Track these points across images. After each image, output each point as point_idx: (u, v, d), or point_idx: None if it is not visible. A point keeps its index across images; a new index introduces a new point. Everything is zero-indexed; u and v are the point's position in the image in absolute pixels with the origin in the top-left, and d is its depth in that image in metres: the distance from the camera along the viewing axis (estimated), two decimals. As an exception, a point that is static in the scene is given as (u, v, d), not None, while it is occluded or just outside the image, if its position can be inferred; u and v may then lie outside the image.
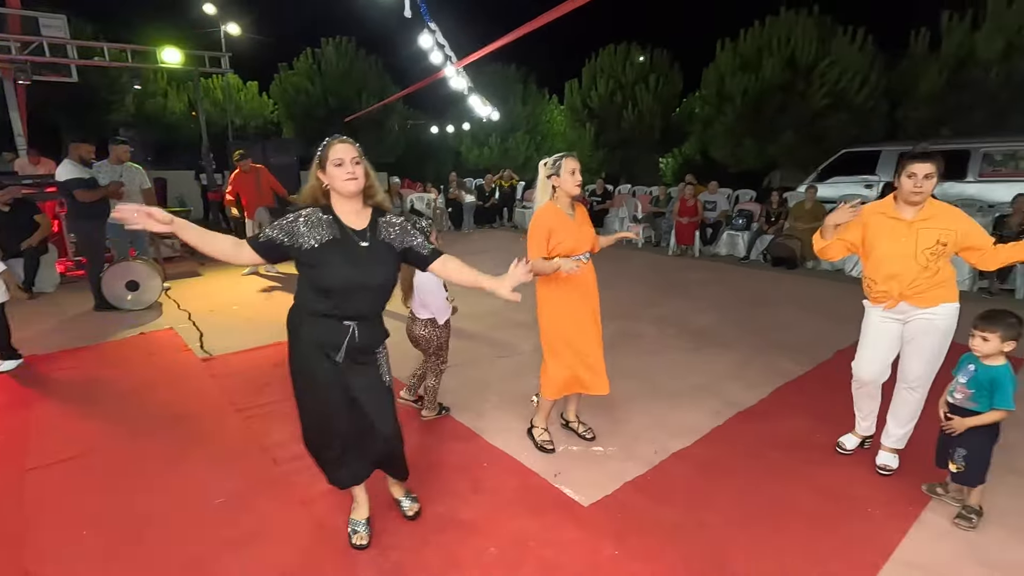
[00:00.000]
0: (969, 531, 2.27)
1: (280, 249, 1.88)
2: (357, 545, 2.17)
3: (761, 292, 6.47)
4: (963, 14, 11.24)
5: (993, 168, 8.86)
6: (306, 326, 1.95)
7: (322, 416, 2.03)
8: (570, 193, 2.66)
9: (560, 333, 2.75)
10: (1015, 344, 2.21)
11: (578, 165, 2.66)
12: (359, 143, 1.96)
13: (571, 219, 2.68)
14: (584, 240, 2.69)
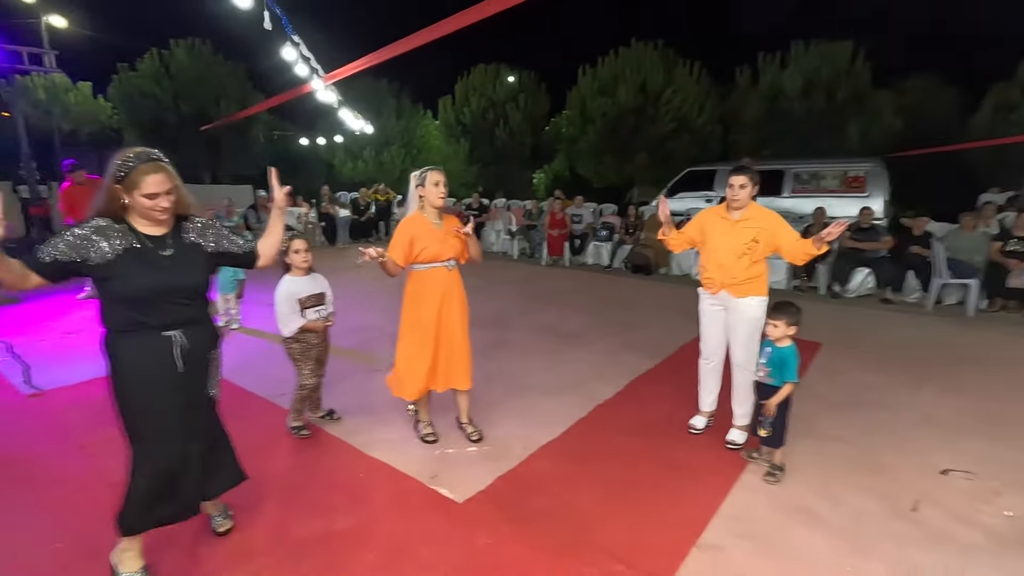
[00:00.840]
0: (775, 485, 2.76)
1: (68, 268, 1.75)
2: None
3: (622, 296, 7.11)
4: (774, 55, 13.31)
5: (802, 185, 10.57)
6: (123, 348, 1.84)
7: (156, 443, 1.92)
8: (434, 204, 2.87)
9: (409, 333, 2.95)
10: (796, 328, 2.73)
11: (443, 178, 2.89)
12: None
13: (436, 228, 2.89)
14: (448, 248, 2.90)
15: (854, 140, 12.20)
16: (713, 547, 2.31)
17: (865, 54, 12.59)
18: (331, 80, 7.16)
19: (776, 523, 2.48)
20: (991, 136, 11.58)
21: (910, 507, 2.60)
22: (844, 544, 2.33)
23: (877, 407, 3.72)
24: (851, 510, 2.57)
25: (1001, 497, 2.68)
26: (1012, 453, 3.09)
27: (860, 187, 9.83)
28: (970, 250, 6.61)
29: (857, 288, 7.26)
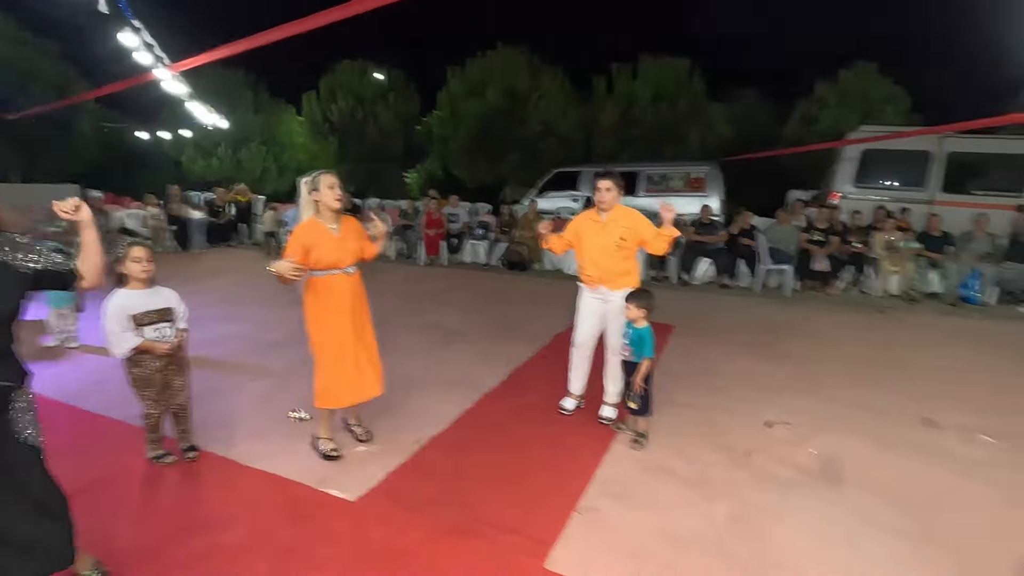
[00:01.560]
0: (640, 450, 3.13)
1: None
2: None
3: (499, 292, 7.39)
4: (626, 67, 14.55)
5: (653, 186, 11.71)
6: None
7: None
8: (331, 207, 2.80)
9: (327, 343, 2.86)
10: (648, 311, 3.11)
11: (336, 181, 2.83)
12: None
13: (333, 233, 2.82)
14: (348, 253, 2.86)
15: (694, 146, 13.82)
16: (590, 509, 2.58)
17: (700, 70, 14.32)
18: (179, 69, 6.54)
19: (642, 482, 2.82)
20: (798, 143, 13.77)
21: (745, 456, 3.11)
22: (696, 493, 2.74)
23: (719, 376, 4.33)
24: (701, 464, 3.01)
25: (809, 440, 3.30)
26: (817, 404, 3.80)
27: (700, 187, 11.14)
28: (785, 240, 7.84)
29: (701, 276, 8.26)
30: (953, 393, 4.06)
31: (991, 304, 7.02)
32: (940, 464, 3.05)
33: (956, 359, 4.87)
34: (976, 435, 3.41)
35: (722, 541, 2.38)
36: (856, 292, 7.62)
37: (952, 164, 9.74)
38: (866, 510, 2.61)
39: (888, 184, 10.23)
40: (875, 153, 10.21)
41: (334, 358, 2.87)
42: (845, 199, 9.82)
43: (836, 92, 14.29)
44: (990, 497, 2.75)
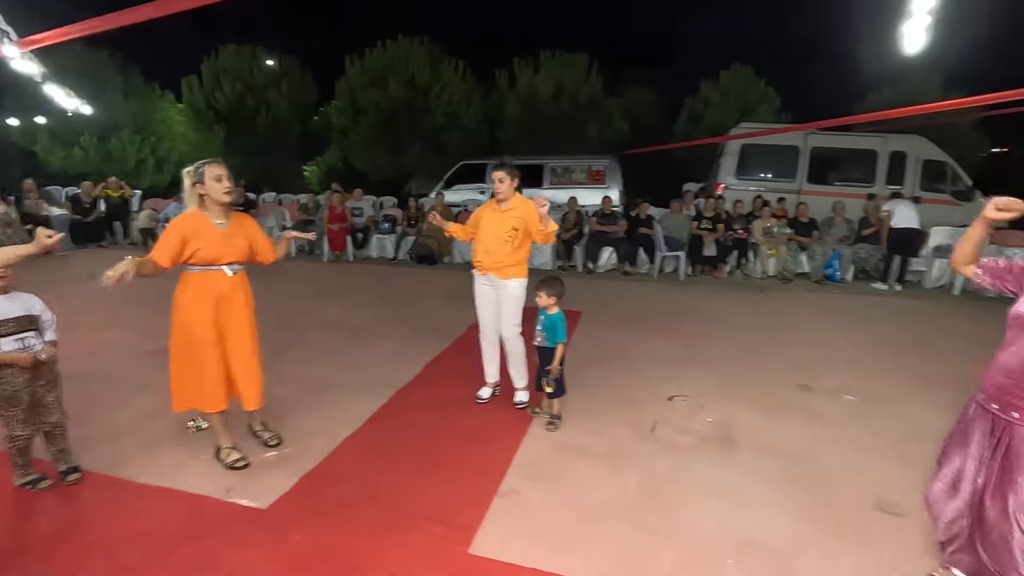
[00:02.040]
0: (555, 431, 3.26)
1: None
2: None
3: (410, 287, 7.29)
4: (527, 61, 14.81)
5: (558, 178, 12.06)
6: None
7: None
8: (218, 200, 2.61)
9: (191, 343, 2.64)
10: (558, 298, 3.24)
11: (224, 172, 2.62)
12: None
13: (218, 228, 2.62)
14: (232, 250, 2.66)
15: (594, 140, 14.38)
16: (511, 492, 2.65)
17: (597, 67, 14.90)
18: (29, 47, 5.75)
19: (558, 462, 2.95)
20: (687, 139, 14.79)
21: (650, 429, 3.34)
22: (607, 467, 2.90)
23: (625, 356, 4.59)
24: (611, 439, 3.19)
25: (705, 409, 3.61)
26: (711, 377, 4.15)
27: (601, 179, 11.65)
28: (678, 229, 8.42)
29: (605, 264, 8.66)
30: (822, 360, 4.60)
31: (849, 281, 8.00)
32: (812, 422, 3.46)
33: (823, 330, 5.51)
34: (840, 395, 3.89)
35: (633, 509, 2.54)
36: (740, 275, 8.35)
37: (815, 158, 10.96)
38: (752, 466, 2.92)
39: (764, 176, 11.30)
40: (752, 148, 11.24)
41: (196, 359, 2.65)
42: (728, 190, 10.72)
43: (718, 92, 15.50)
44: (851, 446, 3.16)
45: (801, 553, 2.26)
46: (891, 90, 14.34)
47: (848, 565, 2.20)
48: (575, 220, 8.96)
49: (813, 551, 2.27)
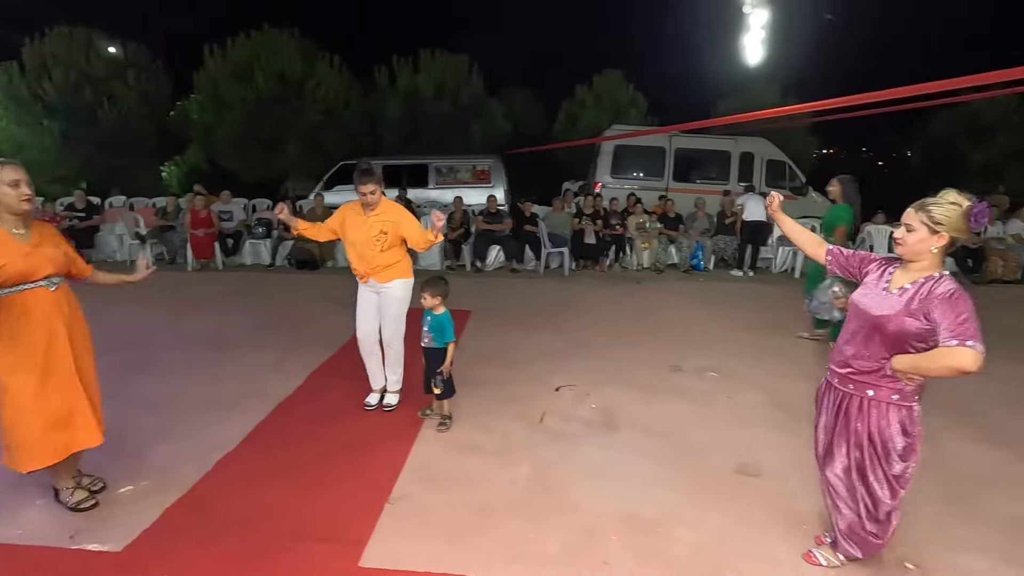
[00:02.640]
0: (446, 432, 3.24)
1: None
2: None
3: (290, 294, 6.86)
4: (407, 60, 14.54)
5: (443, 178, 12.00)
6: None
7: None
8: (14, 210, 2.19)
9: (20, 382, 2.23)
10: (443, 297, 3.23)
11: (22, 176, 2.20)
12: None
13: (20, 240, 2.22)
14: (44, 263, 2.26)
15: (478, 140, 14.49)
16: (403, 497, 2.60)
17: (478, 67, 15.04)
18: None
19: (450, 462, 2.94)
20: (566, 139, 15.42)
21: (539, 420, 3.44)
22: (499, 461, 2.95)
23: (514, 351, 4.68)
24: (502, 435, 3.24)
25: (590, 397, 3.79)
26: (594, 365, 4.37)
27: (486, 179, 11.78)
28: (561, 226, 8.76)
29: (492, 262, 8.78)
30: (690, 342, 5.03)
31: (711, 270, 8.83)
32: (683, 399, 3.78)
33: (691, 315, 6.03)
34: (707, 372, 4.29)
35: (523, 500, 2.61)
36: (618, 268, 8.89)
37: (679, 158, 11.96)
38: (632, 445, 3.12)
39: (636, 175, 12.11)
40: (624, 149, 12.00)
41: (29, 399, 2.24)
42: (605, 188, 11.35)
43: (592, 95, 16.32)
44: (716, 418, 3.50)
45: (675, 521, 2.45)
46: (739, 97, 16.00)
47: (715, 526, 2.43)
48: (461, 219, 8.98)
49: (686, 517, 2.48)
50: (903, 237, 1.80)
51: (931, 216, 1.73)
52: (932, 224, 1.73)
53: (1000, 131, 14.59)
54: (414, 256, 8.65)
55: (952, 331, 1.62)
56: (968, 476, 2.87)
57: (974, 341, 1.60)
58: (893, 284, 1.84)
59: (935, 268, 1.78)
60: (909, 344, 1.76)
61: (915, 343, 1.75)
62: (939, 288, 1.71)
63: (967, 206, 1.71)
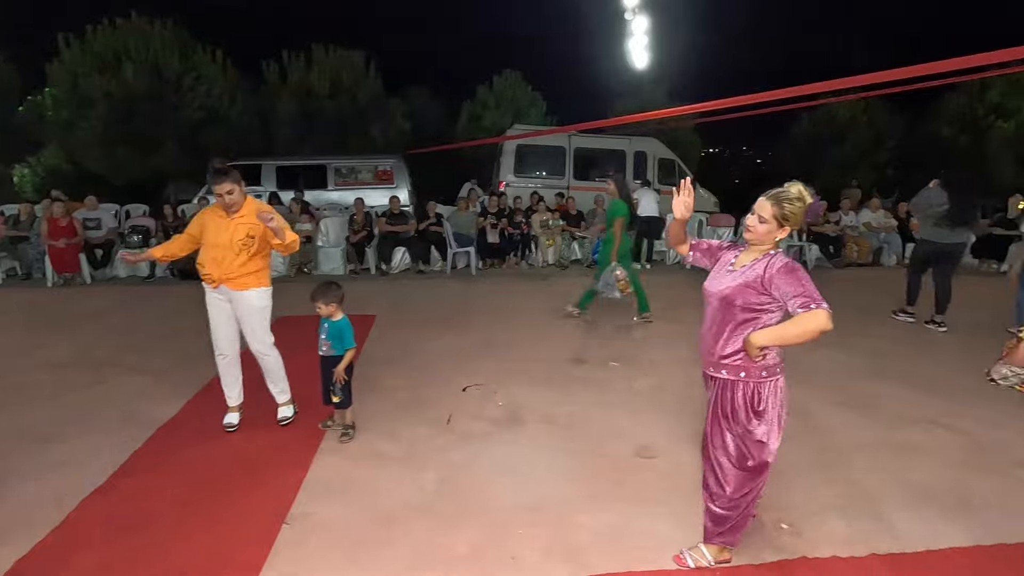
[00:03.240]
0: (349, 443, 3.12)
1: None
2: None
3: (173, 307, 6.29)
4: (299, 55, 13.85)
5: (343, 179, 11.57)
6: None
7: None
8: None
9: None
10: (338, 303, 3.09)
11: None
12: None
13: None
14: None
15: (378, 139, 14.10)
16: (302, 516, 2.47)
17: (376, 64, 14.63)
18: None
19: (354, 473, 2.83)
20: (469, 139, 15.44)
21: (446, 422, 3.41)
22: (406, 468, 2.88)
23: (420, 355, 4.61)
24: (408, 440, 3.17)
25: (497, 395, 3.81)
26: (500, 363, 4.40)
27: (389, 179, 11.50)
28: (467, 225, 8.76)
29: (398, 265, 8.59)
30: (594, 334, 5.22)
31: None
32: (586, 389, 3.91)
33: (594, 309, 6.25)
34: (608, 362, 4.47)
35: (431, 505, 2.57)
36: (525, 265, 9.04)
37: (578, 157, 12.39)
38: (537, 439, 3.18)
39: (539, 174, 12.39)
40: (526, 148, 12.24)
41: None
42: (509, 187, 11.50)
43: (493, 95, 16.48)
44: (616, 406, 3.65)
45: (578, 509, 2.53)
46: (632, 99, 16.88)
47: (617, 509, 2.53)
48: (364, 222, 8.70)
49: (589, 504, 2.56)
50: (755, 226, 1.93)
51: (783, 211, 1.88)
52: (782, 218, 1.89)
53: (851, 132, 16.53)
54: (318, 263, 8.30)
55: (799, 298, 1.76)
56: (833, 442, 3.21)
57: (819, 302, 1.74)
58: (736, 264, 1.99)
59: (772, 247, 1.94)
60: (748, 312, 1.90)
61: (753, 312, 1.90)
62: (776, 263, 1.86)
63: (810, 202, 1.90)
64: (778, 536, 2.35)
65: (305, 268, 8.33)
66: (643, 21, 5.40)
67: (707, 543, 2.16)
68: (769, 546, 2.28)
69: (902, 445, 3.15)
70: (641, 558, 2.21)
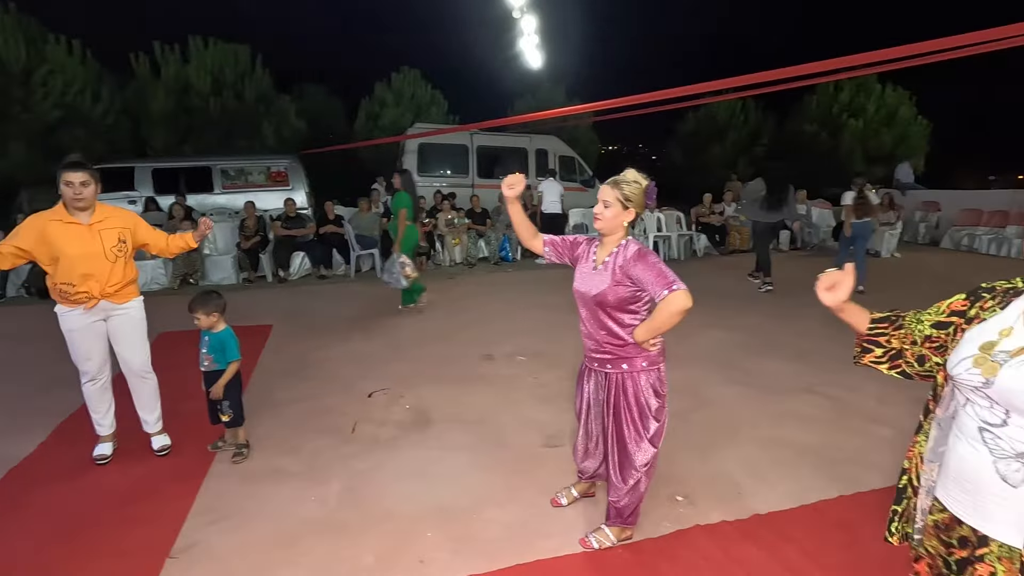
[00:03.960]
0: (244, 463, 2.91)
1: None
2: None
3: (27, 329, 5.53)
4: (173, 48, 12.69)
5: (231, 181, 10.79)
6: None
7: None
8: None
9: None
10: (220, 313, 2.88)
11: None
12: None
13: None
14: None
15: (270, 139, 13.27)
16: (189, 547, 2.27)
17: (263, 59, 13.75)
18: None
19: (249, 494, 2.64)
20: (368, 138, 14.98)
21: (350, 430, 3.28)
22: (307, 481, 2.74)
23: (322, 363, 4.40)
24: (310, 453, 3.02)
25: (404, 398, 3.73)
26: (407, 365, 4.32)
27: (284, 181, 10.89)
28: (369, 227, 8.49)
29: (297, 271, 8.16)
30: (501, 330, 5.26)
31: (519, 260, 9.36)
32: (494, 385, 3.93)
33: (501, 304, 6.32)
34: (516, 357, 4.52)
35: (335, 518, 2.46)
36: (432, 264, 8.93)
37: (481, 155, 12.44)
38: (445, 439, 3.16)
39: (443, 172, 12.30)
40: (429, 147, 12.10)
41: None
42: (413, 186, 11.30)
43: (392, 93, 16.08)
44: (523, 399, 3.71)
45: (488, 504, 2.53)
46: (531, 98, 17.19)
47: (525, 499, 2.57)
48: (256, 226, 8.17)
49: (498, 498, 2.58)
50: (601, 213, 2.00)
51: (623, 193, 1.97)
52: (624, 200, 1.98)
53: (730, 130, 17.94)
54: (206, 272, 7.67)
55: (657, 284, 1.86)
56: (721, 416, 3.47)
57: (675, 283, 1.84)
58: (597, 261, 2.05)
59: (623, 235, 2.02)
60: (629, 309, 2.00)
61: (631, 306, 1.99)
62: (629, 251, 1.97)
63: (646, 184, 2.01)
64: (674, 508, 2.50)
65: (191, 279, 7.67)
66: (532, 20, 5.50)
67: (609, 525, 2.25)
68: (666, 519, 2.41)
69: (780, 413, 3.47)
70: (549, 546, 2.25)
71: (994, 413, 1.04)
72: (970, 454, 1.07)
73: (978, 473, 1.06)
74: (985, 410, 1.05)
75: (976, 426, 1.07)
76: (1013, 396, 0.99)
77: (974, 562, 1.08)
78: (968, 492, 1.08)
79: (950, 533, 1.13)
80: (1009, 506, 1.02)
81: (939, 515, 1.16)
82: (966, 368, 1.06)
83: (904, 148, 16.29)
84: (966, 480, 1.09)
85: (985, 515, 1.06)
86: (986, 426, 1.05)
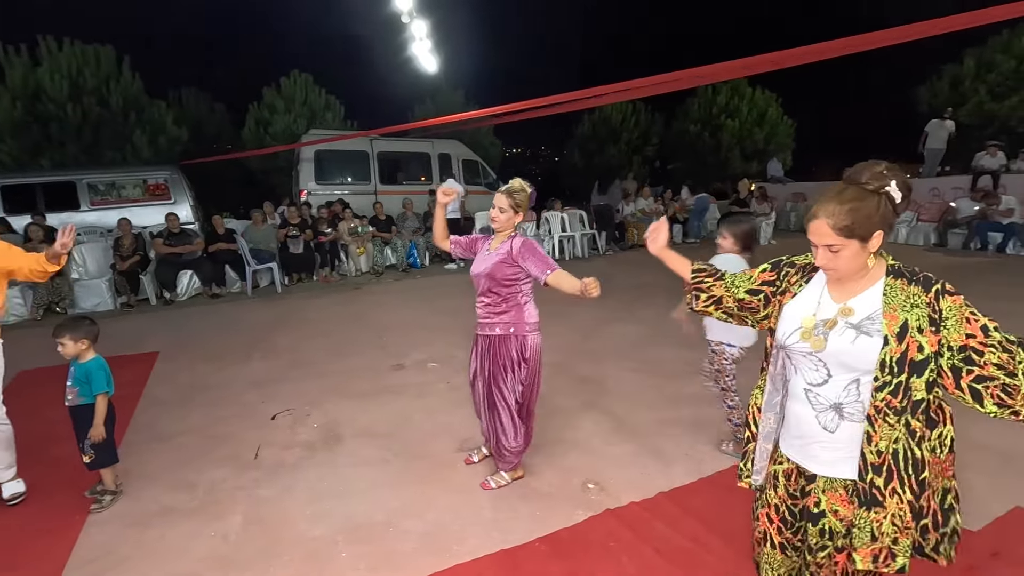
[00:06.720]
0: (103, 511, 2.59)
1: None
2: None
3: None
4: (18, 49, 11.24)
5: (101, 197, 9.75)
6: None
7: None
8: None
9: None
10: (91, 340, 2.59)
11: None
12: None
13: None
14: None
15: (144, 149, 12.11)
16: (63, 608, 2.02)
17: (132, 62, 12.50)
18: None
19: (136, 539, 2.40)
20: (258, 146, 14.12)
21: (253, 457, 3.08)
22: (203, 518, 2.54)
23: (217, 388, 4.10)
24: (206, 486, 2.80)
25: (311, 416, 3.57)
26: (312, 383, 4.13)
27: (164, 194, 10.00)
28: (265, 240, 8.03)
29: (185, 290, 7.53)
30: (411, 338, 5.17)
31: (428, 265, 9.27)
32: (406, 395, 3.87)
33: (411, 312, 6.22)
34: (427, 364, 4.47)
35: (239, 552, 2.30)
36: (336, 275, 8.61)
37: (383, 161, 12.16)
38: (356, 455, 3.06)
39: (343, 180, 11.89)
40: (327, 154, 11.65)
41: None
42: (312, 195, 10.83)
43: (283, 99, 15.26)
44: (436, 406, 3.67)
45: (403, 515, 2.49)
46: (431, 103, 17.05)
47: (443, 506, 2.55)
48: (134, 245, 7.43)
49: (415, 508, 2.54)
50: (497, 217, 2.48)
51: (515, 200, 2.47)
52: (515, 206, 2.47)
53: (624, 131, 18.88)
54: (76, 299, 6.86)
55: (539, 269, 2.37)
56: (626, 404, 3.64)
57: (553, 267, 2.36)
58: (492, 248, 2.54)
59: (512, 231, 2.52)
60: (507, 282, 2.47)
61: (510, 281, 2.47)
62: (516, 243, 2.45)
63: (530, 191, 2.52)
64: (586, 496, 2.59)
65: (57, 307, 6.82)
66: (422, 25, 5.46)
67: (504, 472, 2.70)
68: (580, 507, 2.50)
69: (677, 396, 3.71)
70: (466, 550, 2.25)
71: (818, 374, 1.30)
72: (799, 410, 1.34)
73: (807, 424, 1.33)
74: (811, 371, 1.31)
75: (802, 387, 1.33)
76: (839, 356, 1.25)
77: (806, 496, 1.36)
78: (800, 439, 1.36)
79: (794, 483, 1.40)
80: (830, 447, 1.29)
81: (786, 464, 1.41)
82: (795, 341, 1.31)
83: (774, 145, 17.97)
84: (797, 431, 1.36)
85: (812, 457, 1.33)
86: (810, 387, 1.32)
